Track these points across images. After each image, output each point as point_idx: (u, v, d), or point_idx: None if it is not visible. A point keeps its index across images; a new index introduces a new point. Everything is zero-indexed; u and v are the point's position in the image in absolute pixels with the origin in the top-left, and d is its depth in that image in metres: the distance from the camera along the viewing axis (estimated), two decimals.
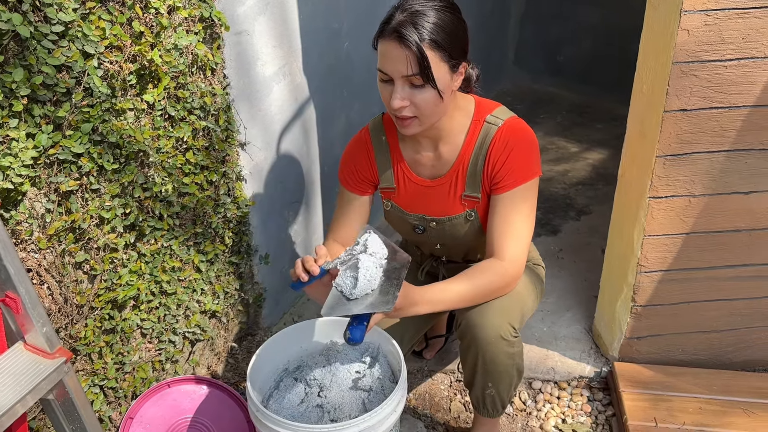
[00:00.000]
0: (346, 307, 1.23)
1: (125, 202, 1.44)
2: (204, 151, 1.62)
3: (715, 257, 1.73)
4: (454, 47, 1.29)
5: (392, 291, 1.23)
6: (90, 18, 1.27)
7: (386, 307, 1.21)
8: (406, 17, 1.25)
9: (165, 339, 1.66)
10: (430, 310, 1.34)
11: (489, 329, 1.40)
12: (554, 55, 4.15)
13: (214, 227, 1.72)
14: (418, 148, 1.49)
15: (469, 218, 1.50)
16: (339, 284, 1.26)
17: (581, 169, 3.16)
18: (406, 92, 1.29)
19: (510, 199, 1.41)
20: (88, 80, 1.28)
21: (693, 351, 1.90)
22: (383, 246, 1.33)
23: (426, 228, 1.55)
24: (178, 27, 1.46)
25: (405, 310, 1.31)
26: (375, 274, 1.26)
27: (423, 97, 1.29)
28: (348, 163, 1.56)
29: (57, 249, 1.33)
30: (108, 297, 1.46)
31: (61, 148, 1.27)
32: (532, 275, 1.62)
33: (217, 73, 1.61)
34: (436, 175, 1.50)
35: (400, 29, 1.24)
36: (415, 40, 1.23)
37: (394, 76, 1.28)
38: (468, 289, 1.37)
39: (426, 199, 1.52)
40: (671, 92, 1.50)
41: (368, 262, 1.27)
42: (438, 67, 1.27)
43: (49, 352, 1.01)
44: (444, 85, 1.30)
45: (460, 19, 1.32)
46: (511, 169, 1.40)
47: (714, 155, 1.57)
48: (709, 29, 1.42)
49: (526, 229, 1.43)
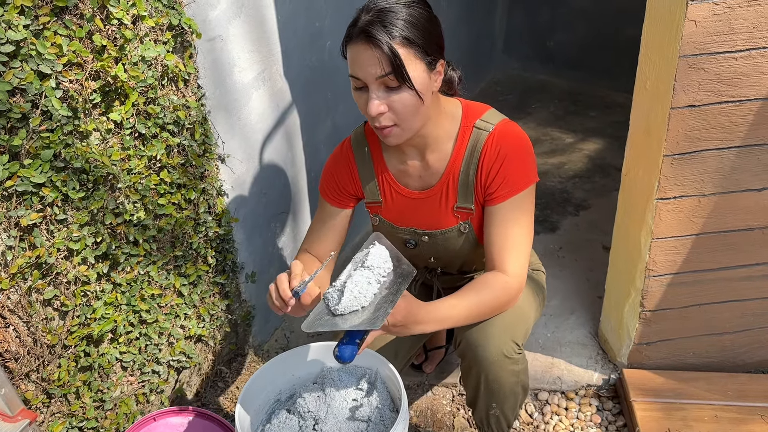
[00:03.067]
0: (329, 323, 1.14)
1: (95, 231, 1.33)
2: (180, 168, 1.51)
3: (727, 257, 1.64)
4: (429, 43, 1.19)
5: (384, 308, 1.14)
6: (44, 34, 1.15)
7: (373, 325, 1.12)
8: (373, 16, 1.15)
9: (148, 370, 1.56)
10: (436, 328, 1.26)
11: (491, 348, 1.32)
12: (544, 42, 4.04)
13: (195, 248, 1.61)
14: (404, 158, 1.39)
15: (463, 231, 1.40)
16: (327, 296, 1.18)
17: (577, 160, 3.06)
18: (381, 96, 1.18)
19: (507, 209, 1.31)
20: (45, 103, 1.17)
21: (705, 354, 1.82)
22: (387, 259, 1.24)
23: (418, 242, 1.46)
24: (145, 37, 1.35)
25: (409, 329, 1.22)
26: (366, 290, 1.18)
27: (401, 99, 1.18)
28: (329, 176, 1.46)
29: (22, 287, 1.22)
30: (82, 333, 1.35)
31: (20, 179, 1.16)
32: (532, 284, 1.54)
33: (191, 84, 1.50)
34: (425, 186, 1.40)
35: (367, 29, 1.14)
36: (385, 39, 1.13)
37: (368, 80, 1.17)
38: (474, 305, 1.29)
39: (416, 211, 1.43)
40: (678, 87, 1.40)
41: (360, 276, 1.19)
42: (413, 65, 1.16)
43: (10, 415, 0.91)
44: (422, 85, 1.19)
45: (431, 14, 1.22)
46: (506, 178, 1.30)
47: (724, 152, 1.48)
48: (718, 19, 1.32)
49: (526, 240, 1.34)
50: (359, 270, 1.21)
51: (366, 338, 1.18)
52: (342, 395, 1.38)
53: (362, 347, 1.18)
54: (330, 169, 1.47)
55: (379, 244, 1.24)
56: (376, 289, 1.20)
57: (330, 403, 1.37)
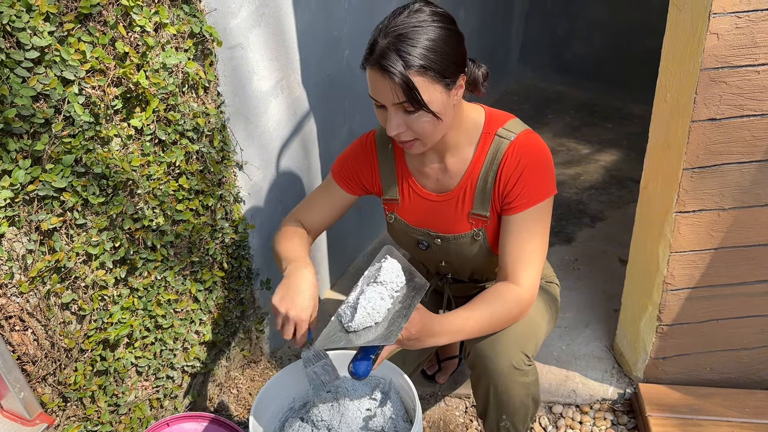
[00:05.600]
0: (344, 339, 1.14)
1: (114, 236, 1.34)
2: (198, 174, 1.51)
3: (746, 272, 1.62)
4: (447, 65, 1.17)
5: (398, 322, 1.14)
6: (68, 41, 1.16)
7: (387, 341, 1.11)
8: (390, 43, 1.14)
9: (162, 375, 1.56)
10: (450, 340, 1.26)
11: (501, 359, 1.31)
12: (561, 53, 4.03)
13: (211, 254, 1.62)
14: (424, 160, 1.40)
15: (477, 238, 1.40)
16: (340, 313, 1.18)
17: (593, 171, 3.04)
18: (400, 119, 1.20)
19: (523, 220, 1.31)
20: (68, 108, 1.18)
21: (722, 370, 1.79)
22: (399, 273, 1.24)
23: (431, 244, 1.46)
24: (166, 45, 1.36)
25: (423, 341, 1.22)
26: (379, 305, 1.17)
27: (419, 122, 1.20)
28: (348, 161, 1.48)
29: (41, 291, 1.23)
30: (99, 337, 1.36)
31: (41, 184, 1.17)
32: (545, 296, 1.53)
33: (211, 92, 1.51)
34: (443, 190, 1.40)
35: (381, 61, 1.14)
36: (399, 71, 1.12)
37: (386, 103, 1.19)
38: (487, 317, 1.28)
39: (432, 214, 1.43)
40: (699, 101, 1.39)
41: (372, 293, 1.18)
42: (430, 90, 1.16)
43: (28, 418, 0.92)
44: (440, 105, 1.19)
45: (452, 32, 1.19)
46: (525, 188, 1.30)
47: (745, 166, 1.47)
48: (741, 32, 1.31)
49: (541, 252, 1.33)
50: (371, 286, 1.20)
51: (380, 353, 1.18)
52: (356, 405, 1.38)
53: (377, 363, 1.17)
54: (351, 155, 1.48)
55: (391, 258, 1.24)
56: (390, 304, 1.19)
57: (343, 412, 1.36)
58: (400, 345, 1.21)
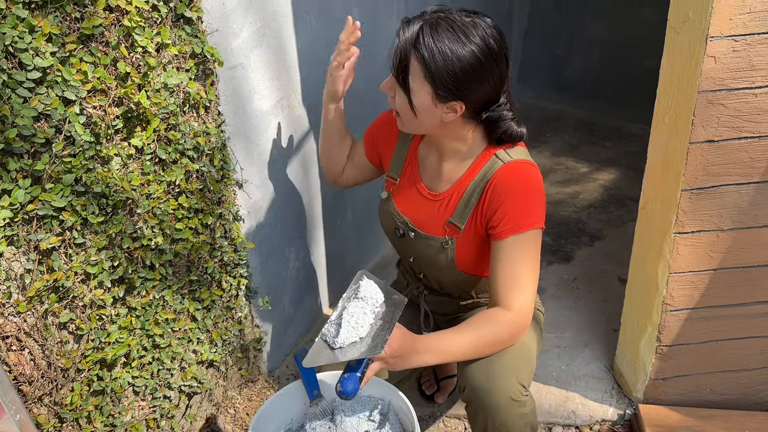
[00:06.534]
0: (330, 356, 1.15)
1: (113, 255, 1.34)
2: (198, 193, 1.52)
3: (745, 293, 1.62)
4: (445, 80, 1.20)
5: (382, 335, 1.15)
6: (70, 61, 1.17)
7: (374, 351, 1.13)
8: (425, 21, 1.21)
9: (159, 395, 1.55)
10: (434, 361, 1.26)
11: (498, 393, 1.29)
12: (559, 71, 4.06)
13: (210, 272, 1.62)
14: (428, 154, 1.45)
15: (445, 246, 1.41)
16: (324, 333, 1.19)
17: (592, 190, 3.05)
18: (393, 83, 1.29)
19: (512, 246, 1.30)
20: (69, 128, 1.18)
21: (723, 391, 1.78)
22: (378, 290, 1.25)
23: (405, 234, 1.48)
24: (168, 65, 1.37)
25: (407, 359, 1.22)
26: (363, 320, 1.19)
27: (398, 98, 1.29)
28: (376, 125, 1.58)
29: (39, 310, 1.23)
30: (96, 357, 1.35)
31: (41, 203, 1.17)
32: (533, 323, 1.52)
33: (211, 111, 1.52)
34: (433, 189, 1.43)
35: (405, 26, 1.22)
36: (407, 41, 1.20)
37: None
38: (473, 339, 1.28)
39: (417, 207, 1.46)
40: (697, 123, 1.39)
41: (355, 308, 1.20)
42: (418, 84, 1.23)
43: None
44: (421, 104, 1.26)
45: (478, 64, 1.21)
46: (507, 214, 1.29)
47: (743, 187, 1.47)
48: (738, 55, 1.32)
49: (531, 278, 1.32)
50: (353, 302, 1.22)
51: (367, 372, 1.18)
52: (354, 426, 1.37)
53: (364, 381, 1.17)
54: (381, 121, 1.57)
55: (367, 278, 1.26)
56: (372, 319, 1.20)
57: None
58: (384, 364, 1.21)
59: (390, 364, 1.22)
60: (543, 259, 2.50)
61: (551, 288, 2.37)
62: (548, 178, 3.18)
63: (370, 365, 1.18)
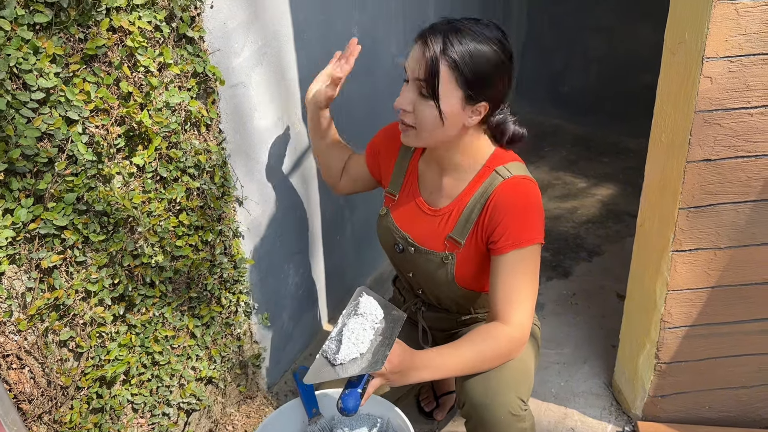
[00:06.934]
0: (331, 373, 1.16)
1: (113, 272, 1.34)
2: (199, 210, 1.52)
3: (743, 311, 1.62)
4: (477, 80, 1.24)
5: (382, 351, 1.16)
6: (74, 81, 1.18)
7: (375, 367, 1.14)
8: (444, 29, 1.23)
9: (158, 412, 1.55)
10: (433, 376, 1.26)
11: (498, 408, 1.30)
12: (557, 87, 4.08)
13: (209, 289, 1.62)
14: (429, 170, 1.46)
15: (445, 261, 1.42)
16: (325, 349, 1.19)
17: (590, 206, 3.06)
18: (412, 96, 1.28)
19: (512, 261, 1.32)
20: (71, 148, 1.19)
21: (721, 408, 1.78)
22: (377, 306, 1.26)
23: (405, 249, 1.49)
24: (170, 84, 1.38)
25: (407, 375, 1.23)
26: (363, 336, 1.20)
27: (424, 110, 1.27)
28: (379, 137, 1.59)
29: (39, 328, 1.23)
30: (96, 374, 1.35)
31: (43, 222, 1.18)
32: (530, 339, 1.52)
33: (212, 129, 1.53)
34: (434, 205, 1.44)
35: (428, 34, 1.23)
36: (435, 50, 1.21)
37: (410, 76, 1.27)
38: (473, 354, 1.29)
39: (417, 222, 1.47)
40: (694, 142, 1.41)
41: (355, 324, 1.21)
42: (449, 89, 1.23)
43: None
44: (450, 111, 1.26)
45: (501, 61, 1.26)
46: (508, 230, 1.31)
47: (740, 206, 1.48)
48: (734, 76, 1.34)
49: (531, 293, 1.34)
50: (353, 318, 1.23)
51: (368, 388, 1.18)
52: None
53: (365, 397, 1.17)
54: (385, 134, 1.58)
55: (366, 295, 1.27)
56: (372, 335, 1.21)
57: None
58: (384, 380, 1.21)
59: (390, 380, 1.22)
60: (542, 274, 2.50)
61: (550, 304, 2.38)
62: (547, 193, 3.20)
63: (370, 381, 1.19)
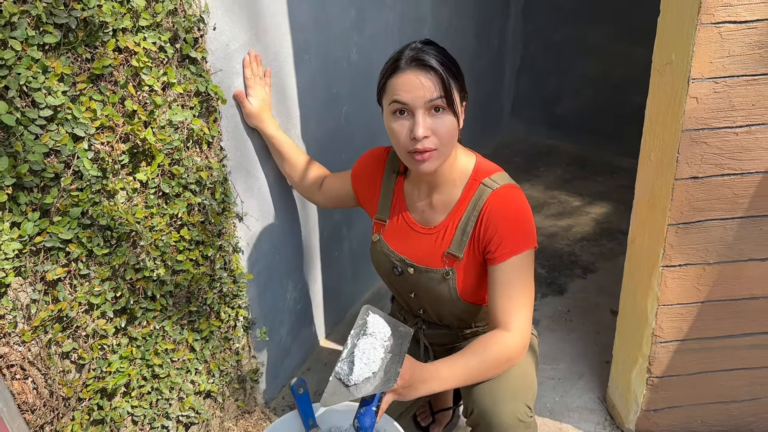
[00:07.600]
0: (346, 394, 1.18)
1: (116, 285, 1.37)
2: (199, 226, 1.56)
3: (733, 325, 1.66)
4: (462, 79, 1.33)
5: (394, 368, 1.19)
6: (80, 99, 1.22)
7: (388, 385, 1.16)
8: (419, 49, 1.29)
9: (157, 425, 1.57)
10: (441, 387, 1.29)
11: (506, 415, 1.32)
12: (552, 107, 4.14)
13: (209, 303, 1.65)
14: (416, 192, 1.49)
15: (446, 276, 1.45)
16: (337, 372, 1.21)
17: (585, 224, 3.10)
18: (427, 120, 1.29)
19: (508, 269, 1.36)
20: (77, 163, 1.23)
21: (713, 422, 1.81)
22: (385, 324, 1.28)
23: (404, 271, 1.51)
24: (173, 103, 1.42)
25: (416, 389, 1.26)
26: (374, 356, 1.22)
27: (444, 123, 1.29)
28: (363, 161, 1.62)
29: (43, 339, 1.26)
30: (97, 386, 1.38)
31: (48, 235, 1.21)
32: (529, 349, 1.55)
33: (214, 146, 1.57)
34: (427, 223, 1.47)
35: (420, 56, 1.27)
36: (437, 65, 1.26)
37: (416, 104, 1.27)
38: (478, 363, 1.32)
39: (412, 243, 1.50)
40: (681, 160, 1.45)
41: (365, 344, 1.23)
42: (454, 92, 1.30)
43: None
44: (459, 114, 1.33)
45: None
46: (504, 239, 1.36)
47: (728, 222, 1.52)
48: (719, 96, 1.39)
49: (529, 300, 1.38)
50: (363, 338, 1.25)
51: (381, 405, 1.21)
52: None
53: (380, 414, 1.20)
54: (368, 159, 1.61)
55: (373, 314, 1.29)
56: (382, 353, 1.23)
57: None
58: (395, 395, 1.24)
59: (401, 395, 1.25)
60: (537, 291, 2.54)
61: (545, 320, 2.41)
62: (542, 212, 3.24)
63: (383, 398, 1.21)
